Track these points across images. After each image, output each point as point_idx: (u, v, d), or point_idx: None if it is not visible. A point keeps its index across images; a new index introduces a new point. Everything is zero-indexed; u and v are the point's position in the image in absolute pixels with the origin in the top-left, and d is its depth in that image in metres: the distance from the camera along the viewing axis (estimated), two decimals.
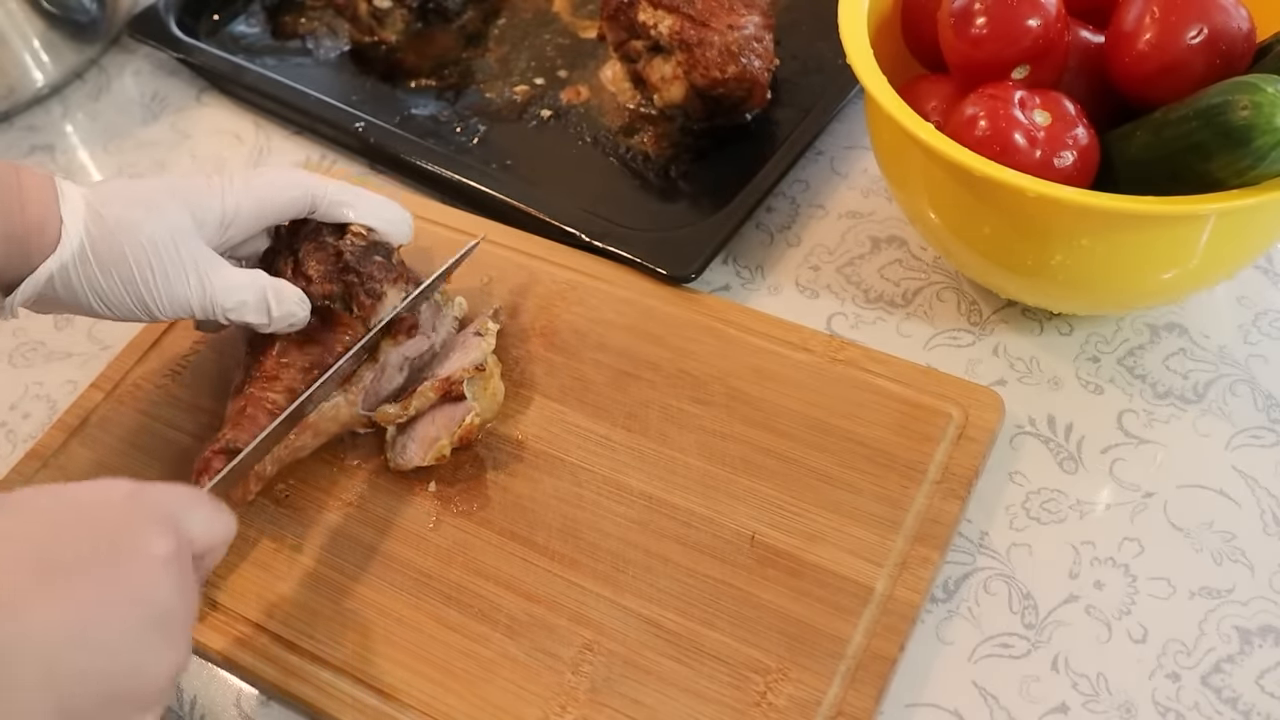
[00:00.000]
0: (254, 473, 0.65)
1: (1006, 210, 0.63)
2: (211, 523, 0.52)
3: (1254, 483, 0.65)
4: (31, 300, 0.61)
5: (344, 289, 0.68)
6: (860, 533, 0.63)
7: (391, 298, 0.69)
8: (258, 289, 0.64)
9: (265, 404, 0.66)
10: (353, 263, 0.67)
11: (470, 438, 0.66)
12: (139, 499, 0.49)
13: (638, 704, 0.58)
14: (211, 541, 0.52)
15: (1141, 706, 0.58)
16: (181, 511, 0.50)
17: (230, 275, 0.64)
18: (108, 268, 0.61)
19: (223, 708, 0.63)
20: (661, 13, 0.82)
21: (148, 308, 0.62)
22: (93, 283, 0.61)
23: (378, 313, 0.68)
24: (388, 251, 0.69)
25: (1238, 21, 0.61)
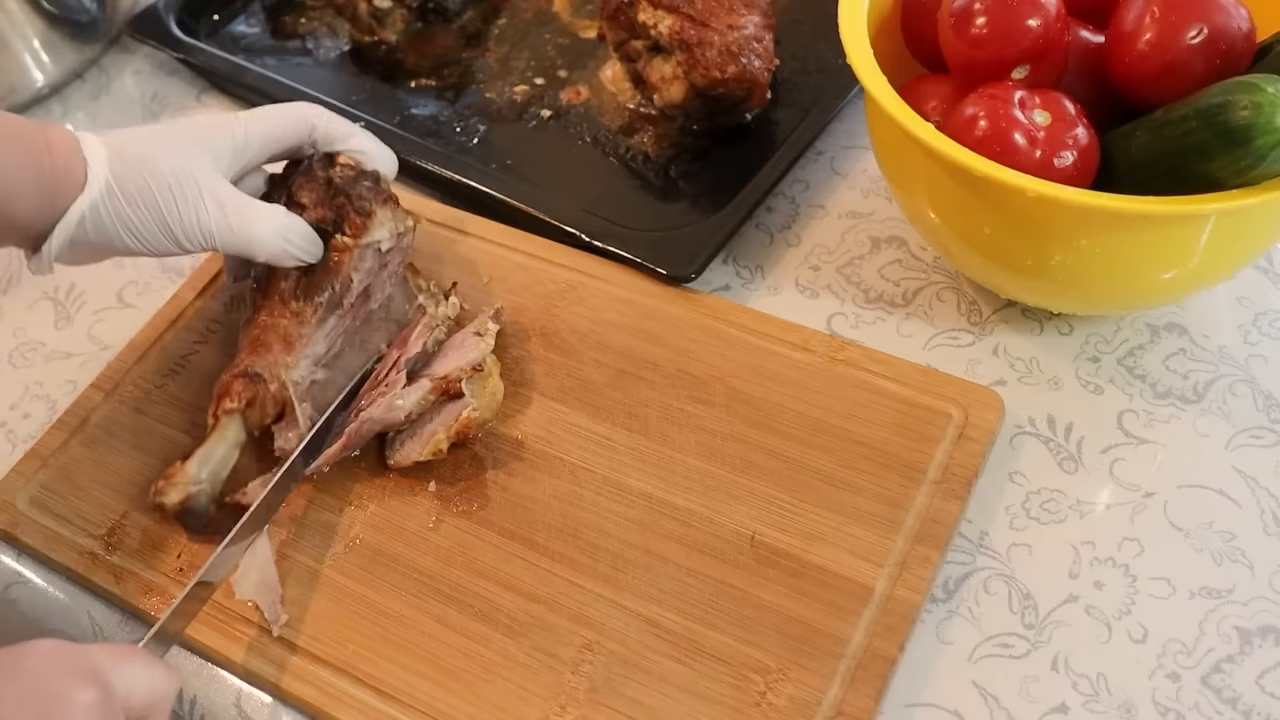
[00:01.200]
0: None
1: (1006, 210, 0.63)
2: (150, 677, 0.51)
3: (1254, 483, 0.65)
4: (66, 245, 0.63)
5: (335, 212, 0.70)
6: (860, 533, 0.63)
7: (381, 216, 0.70)
8: (277, 219, 0.67)
9: (277, 330, 0.69)
10: (342, 186, 0.70)
11: (467, 433, 0.66)
12: (62, 653, 0.49)
13: (638, 704, 0.58)
14: (150, 696, 0.51)
15: (1141, 706, 0.58)
16: (111, 665, 0.50)
17: (249, 205, 0.67)
18: (134, 200, 0.63)
19: (223, 708, 0.63)
20: (661, 13, 0.82)
21: (175, 237, 0.65)
22: (122, 216, 0.63)
23: (369, 231, 0.70)
24: (376, 177, 0.72)
25: (1238, 21, 0.61)
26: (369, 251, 0.70)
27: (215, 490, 0.66)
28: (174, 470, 0.65)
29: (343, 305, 0.70)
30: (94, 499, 0.69)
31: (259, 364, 0.67)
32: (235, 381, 0.67)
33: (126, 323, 0.80)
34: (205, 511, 0.65)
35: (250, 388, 0.67)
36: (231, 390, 0.66)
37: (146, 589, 0.65)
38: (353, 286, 0.70)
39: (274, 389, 0.67)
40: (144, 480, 0.69)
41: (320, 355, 0.70)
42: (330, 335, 0.70)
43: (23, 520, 0.69)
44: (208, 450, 0.66)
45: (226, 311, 0.78)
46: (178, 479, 0.65)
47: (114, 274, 0.84)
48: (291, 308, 0.69)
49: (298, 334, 0.69)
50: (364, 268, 0.71)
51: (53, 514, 0.69)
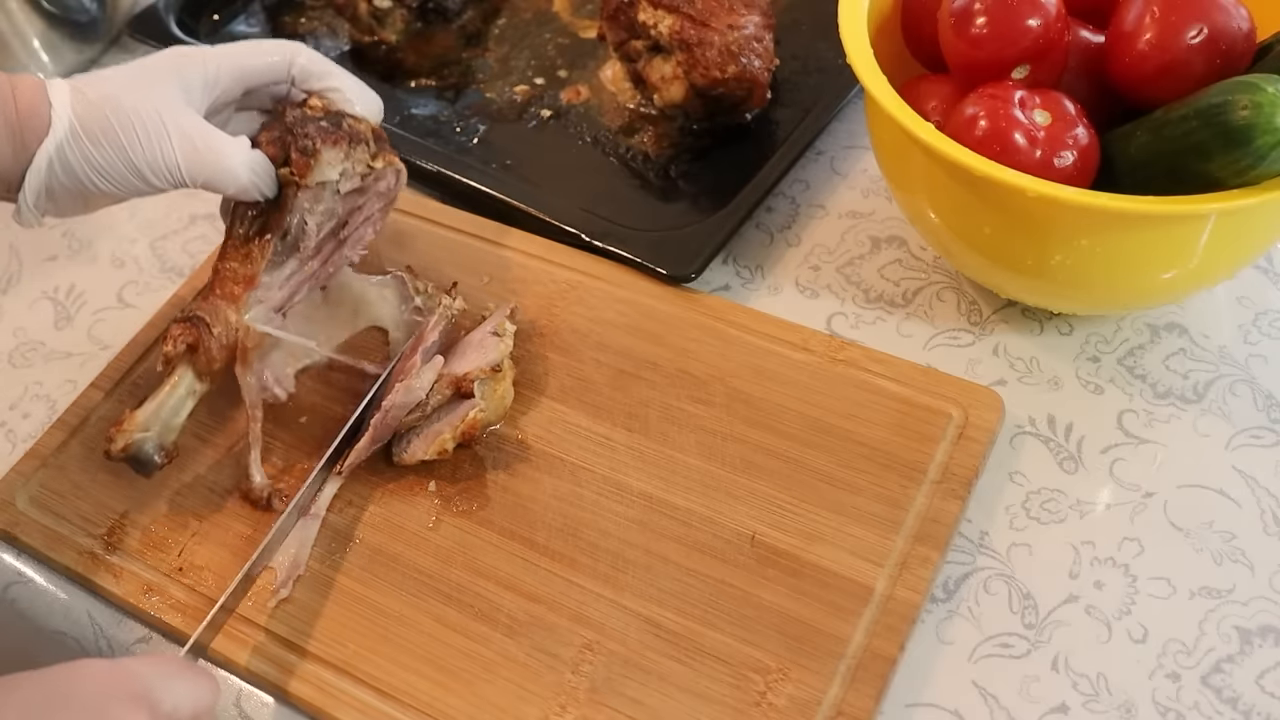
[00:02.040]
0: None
1: (1006, 210, 0.63)
2: (194, 691, 0.52)
3: (1254, 483, 0.65)
4: (42, 194, 0.63)
5: (284, 150, 0.67)
6: (860, 532, 0.63)
7: (328, 156, 0.67)
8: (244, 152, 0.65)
9: (226, 272, 0.67)
10: (293, 124, 0.67)
11: (473, 434, 0.66)
12: (117, 678, 0.49)
13: (638, 704, 0.58)
14: (196, 709, 0.51)
15: (1141, 706, 0.58)
16: (161, 684, 0.50)
17: (214, 136, 0.64)
18: (98, 139, 0.62)
19: (223, 708, 0.63)
20: (661, 13, 0.82)
21: (142, 174, 0.63)
22: (88, 157, 0.62)
23: (313, 170, 0.67)
24: (339, 118, 0.68)
25: (1238, 21, 0.61)
26: (324, 193, 0.68)
27: (165, 439, 0.65)
28: (124, 417, 0.64)
29: (300, 250, 0.68)
30: (94, 499, 0.69)
31: (202, 307, 0.66)
32: (175, 325, 0.65)
33: (126, 323, 0.80)
34: (151, 460, 0.65)
35: (190, 331, 0.65)
36: (170, 334, 0.65)
37: (146, 589, 0.65)
38: (308, 230, 0.68)
39: (218, 333, 0.65)
40: (144, 480, 0.69)
41: (278, 303, 0.68)
42: (290, 282, 0.68)
43: (23, 520, 0.69)
44: (158, 400, 0.65)
45: None
46: (125, 426, 0.64)
47: (114, 274, 0.84)
48: (243, 250, 0.68)
49: (246, 274, 0.67)
50: (319, 209, 0.68)
51: (53, 513, 0.69)
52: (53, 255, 0.87)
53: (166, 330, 0.66)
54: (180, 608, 0.65)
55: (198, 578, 0.66)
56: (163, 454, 0.65)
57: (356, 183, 0.69)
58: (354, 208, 0.70)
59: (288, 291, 0.69)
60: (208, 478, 0.70)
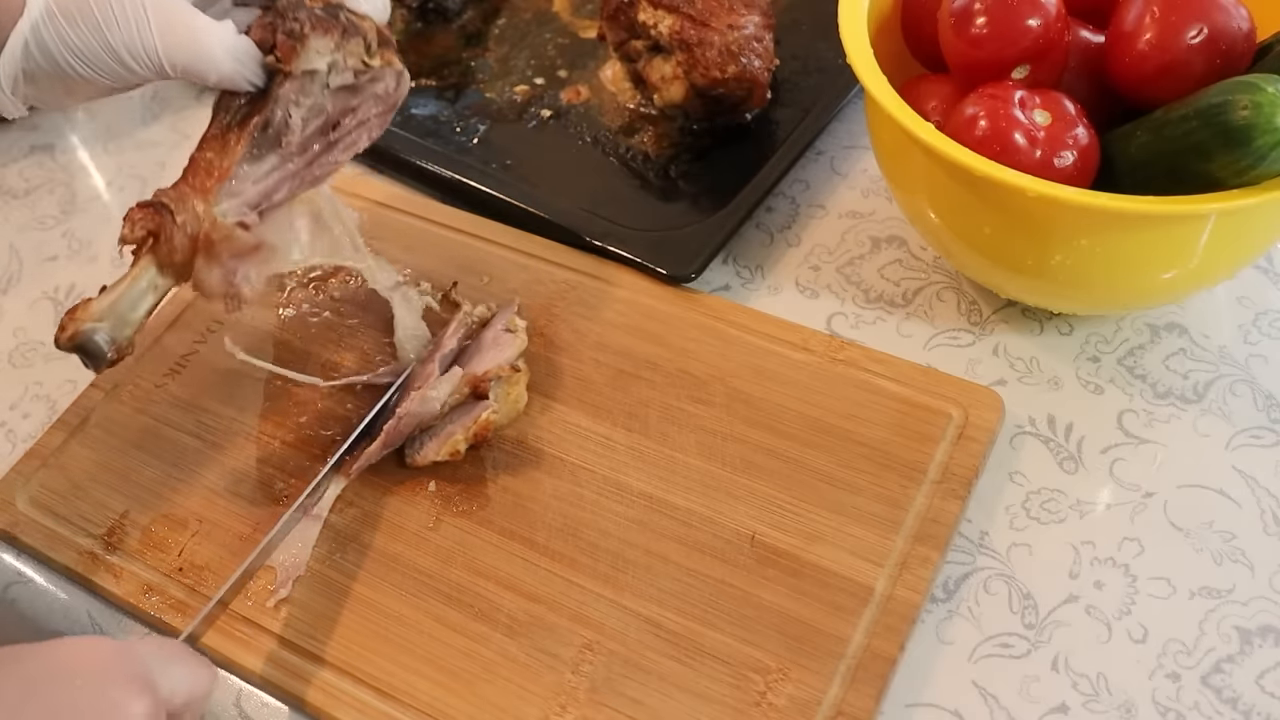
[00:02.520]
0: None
1: (1006, 210, 0.63)
2: (191, 676, 0.52)
3: (1254, 483, 0.65)
4: (18, 78, 0.60)
5: (272, 35, 0.62)
6: (860, 532, 0.63)
7: (316, 44, 0.62)
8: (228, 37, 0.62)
9: (201, 161, 0.63)
10: (283, 8, 0.63)
11: (485, 436, 0.66)
12: (117, 658, 0.49)
13: (638, 704, 0.58)
14: (192, 695, 0.51)
15: (1141, 706, 0.58)
16: (160, 667, 0.50)
17: (197, 18, 0.61)
18: (74, 18, 0.59)
19: (223, 708, 0.63)
20: (661, 13, 0.82)
21: (119, 58, 0.60)
22: (64, 38, 0.59)
23: (299, 57, 0.62)
24: (335, 9, 0.63)
25: (1238, 21, 0.61)
26: (312, 86, 0.63)
27: (118, 334, 0.60)
28: (78, 306, 0.60)
29: (282, 145, 0.64)
30: (94, 499, 0.69)
31: (169, 194, 0.61)
32: (136, 210, 0.60)
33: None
34: (101, 352, 0.60)
35: (151, 218, 0.61)
36: (130, 217, 0.60)
37: (146, 589, 0.65)
38: (292, 124, 0.63)
39: (182, 221, 0.61)
40: (144, 480, 0.70)
41: (254, 199, 0.63)
42: (269, 178, 0.64)
43: (23, 520, 0.69)
44: (117, 291, 0.61)
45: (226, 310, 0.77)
46: (79, 314, 0.60)
47: (114, 274, 0.83)
48: (220, 140, 0.63)
49: (220, 165, 0.62)
50: (306, 103, 0.63)
51: (53, 514, 0.69)
52: (53, 255, 0.87)
53: (126, 214, 0.61)
54: (180, 608, 0.65)
55: (198, 578, 0.66)
56: (114, 348, 0.60)
57: (349, 79, 0.64)
58: (347, 108, 0.65)
59: (264, 188, 0.64)
60: (208, 478, 0.70)
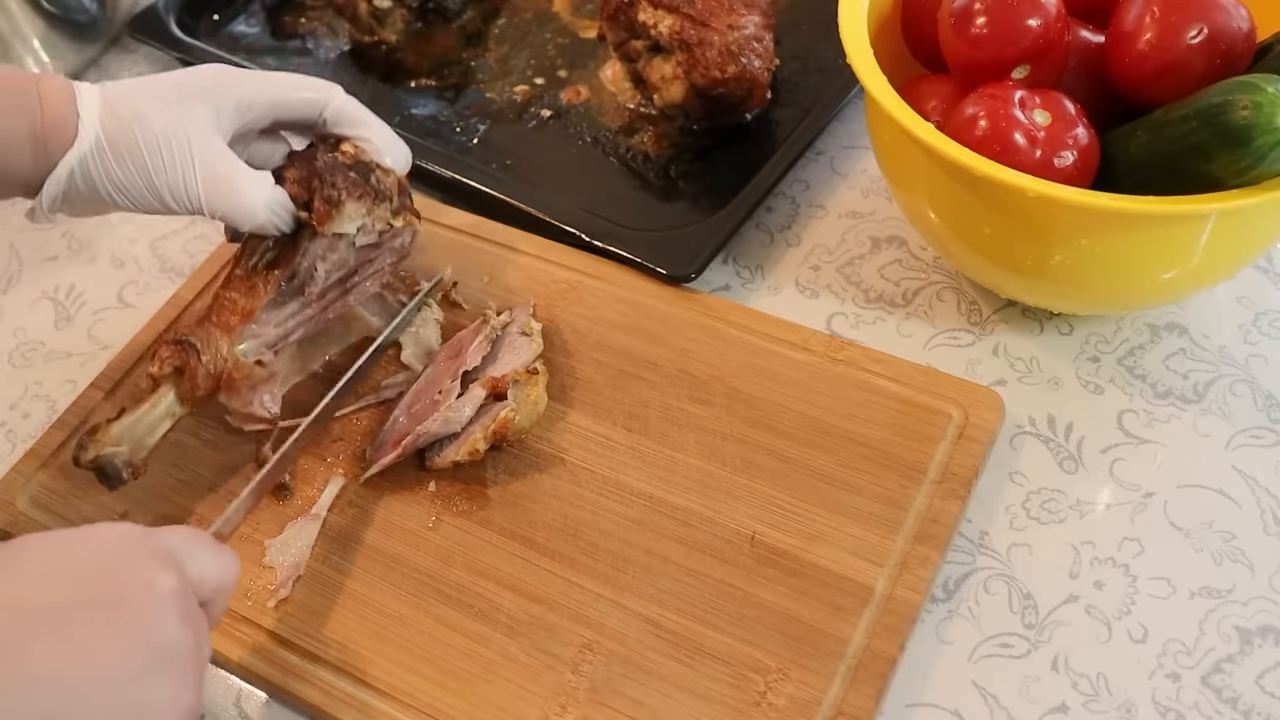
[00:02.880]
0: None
1: (1006, 210, 0.63)
2: (217, 563, 0.52)
3: (1254, 483, 0.65)
4: (58, 198, 0.62)
5: (308, 194, 0.67)
6: (860, 532, 0.63)
7: (351, 210, 0.67)
8: (266, 190, 0.65)
9: (226, 301, 0.67)
10: (323, 170, 0.67)
11: (504, 435, 0.66)
12: (144, 538, 0.49)
13: (638, 704, 0.58)
14: (218, 582, 0.52)
15: (1141, 706, 0.58)
16: (185, 550, 0.50)
17: (240, 171, 0.64)
18: (123, 157, 0.62)
19: (223, 708, 0.63)
20: (661, 13, 0.82)
21: (161, 198, 0.63)
22: (110, 173, 0.62)
23: (333, 220, 0.66)
24: (367, 172, 0.68)
25: (1238, 21, 0.61)
26: (340, 244, 0.68)
27: (135, 456, 0.64)
28: (98, 427, 0.64)
29: (304, 294, 0.68)
30: (94, 499, 0.69)
31: (196, 333, 0.65)
32: (164, 347, 0.64)
33: (126, 323, 0.80)
34: (119, 475, 0.64)
35: (179, 355, 0.64)
36: (159, 354, 0.64)
37: None
38: (316, 275, 0.68)
39: (206, 360, 0.65)
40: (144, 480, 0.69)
41: (272, 340, 0.68)
42: (287, 323, 0.68)
43: (23, 520, 0.69)
44: (135, 415, 0.64)
45: None
46: (100, 437, 0.63)
47: (114, 274, 0.85)
48: (247, 282, 0.67)
49: (245, 308, 0.66)
50: (332, 258, 0.68)
51: (53, 514, 0.69)
52: (53, 255, 0.87)
53: (154, 348, 0.65)
54: None
55: None
56: (130, 470, 0.64)
57: (374, 238, 0.69)
58: (365, 260, 0.70)
59: (283, 330, 0.68)
60: (208, 478, 0.70)
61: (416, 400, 0.69)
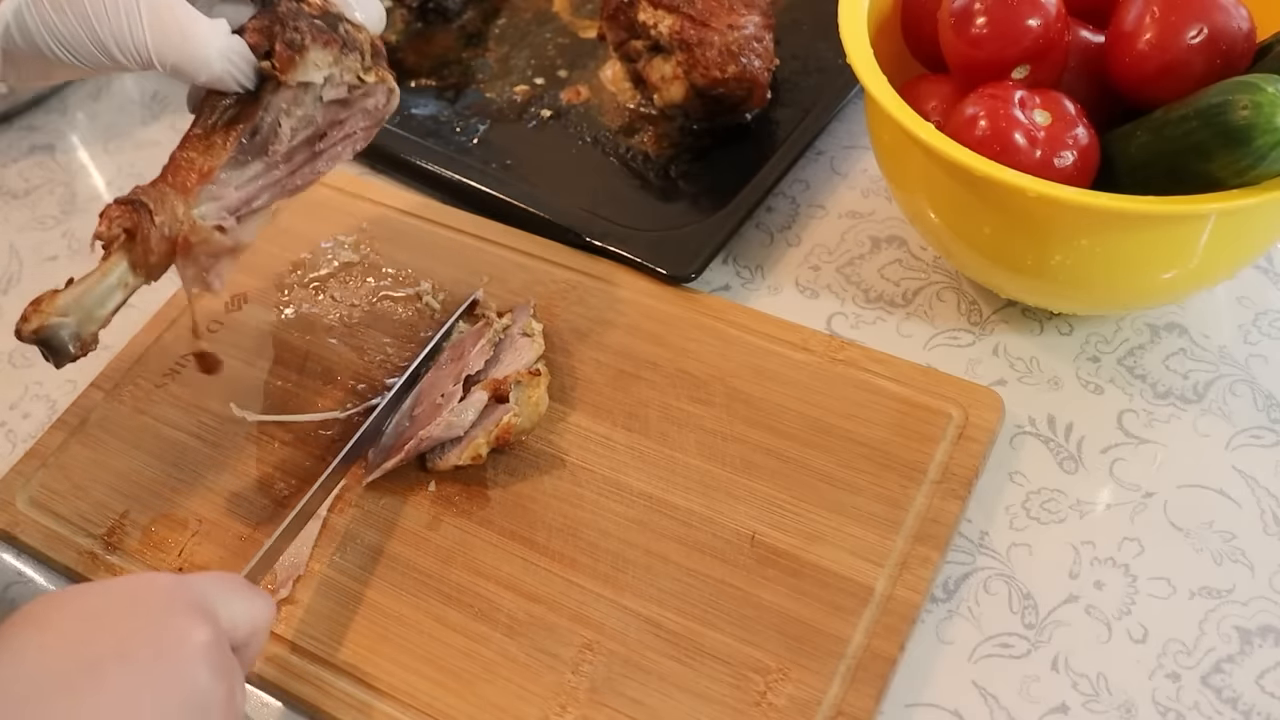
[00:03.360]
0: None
1: (1006, 210, 0.63)
2: (251, 609, 0.53)
3: (1254, 483, 0.65)
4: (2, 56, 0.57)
5: (269, 41, 0.60)
6: (860, 532, 0.63)
7: (315, 57, 0.61)
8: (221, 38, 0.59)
9: (184, 160, 0.61)
10: (284, 14, 0.61)
11: (507, 439, 0.66)
12: (179, 589, 0.50)
13: (638, 704, 0.58)
14: (251, 628, 0.52)
15: (1141, 706, 0.58)
16: (220, 599, 0.51)
17: (191, 17, 0.59)
18: (61, 6, 0.56)
19: None
20: (661, 12, 0.82)
21: (107, 50, 0.57)
22: (49, 24, 0.57)
23: (296, 68, 0.61)
24: (335, 21, 0.62)
25: (1238, 21, 0.61)
26: (305, 97, 0.63)
27: (84, 330, 0.58)
28: (43, 297, 0.58)
29: (269, 153, 0.62)
30: (94, 499, 0.69)
31: (149, 192, 0.59)
32: (113, 207, 0.59)
33: (126, 323, 0.80)
34: (65, 348, 0.58)
35: (129, 215, 0.59)
36: (107, 213, 0.59)
37: None
38: (281, 133, 0.62)
39: (160, 222, 0.59)
40: (144, 480, 0.70)
41: (234, 204, 0.62)
42: (251, 185, 0.62)
43: (23, 520, 0.69)
44: (84, 285, 0.58)
45: (226, 311, 0.78)
46: (44, 306, 0.57)
47: None
48: (205, 140, 0.61)
49: (203, 166, 0.60)
50: (297, 114, 0.62)
51: (52, 514, 0.69)
52: (53, 255, 0.87)
53: (104, 210, 0.60)
54: None
55: None
56: (78, 344, 0.58)
57: (343, 93, 0.63)
58: (335, 120, 0.65)
59: (246, 194, 0.62)
60: (207, 478, 0.70)
61: (419, 404, 0.69)
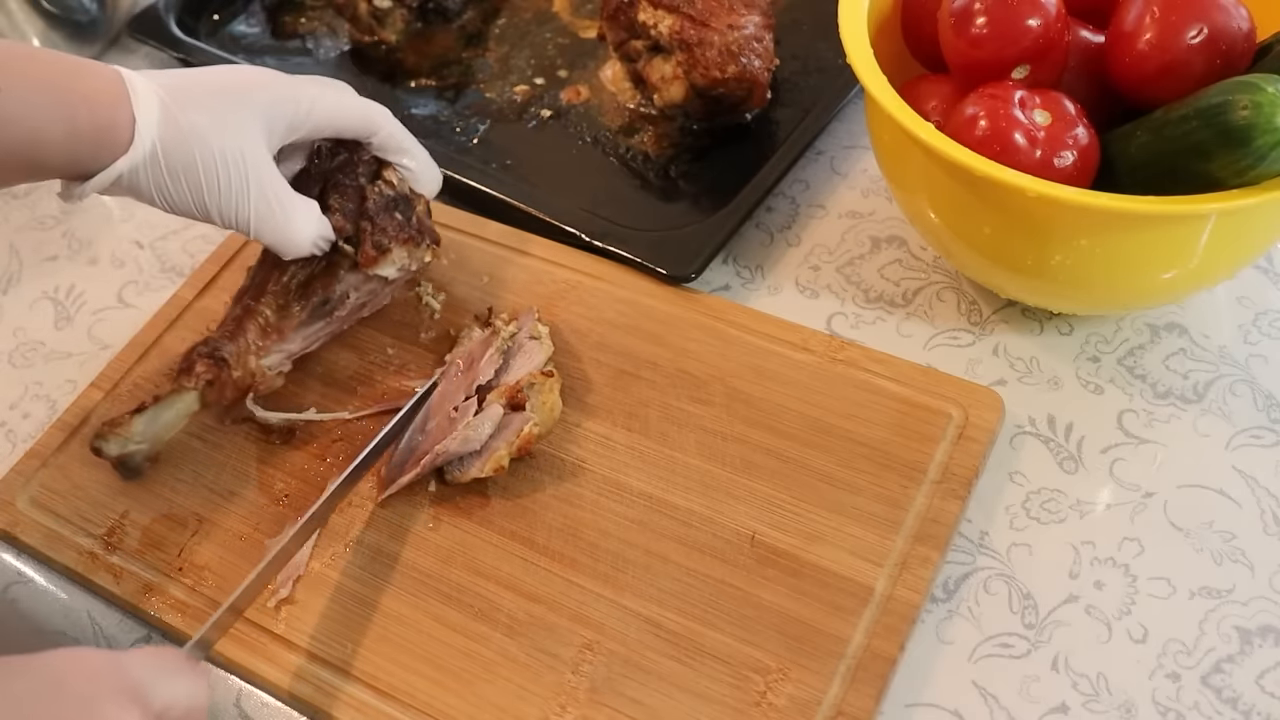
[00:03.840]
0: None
1: (1006, 210, 0.63)
2: (188, 689, 0.51)
3: (1254, 483, 0.65)
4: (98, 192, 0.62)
5: (357, 234, 0.69)
6: (860, 532, 0.63)
7: (396, 256, 0.69)
8: (313, 224, 0.66)
9: (259, 317, 0.69)
10: (372, 211, 0.69)
11: (528, 448, 0.66)
12: (109, 674, 0.48)
13: (638, 704, 0.58)
14: (189, 707, 0.51)
15: (1141, 706, 0.58)
16: (154, 681, 0.49)
17: (292, 201, 0.65)
18: (177, 174, 0.61)
19: (223, 708, 0.63)
20: (661, 12, 0.82)
21: (208, 215, 0.64)
22: (160, 185, 0.62)
23: (378, 265, 0.69)
24: (410, 208, 0.71)
25: (1238, 21, 0.61)
26: (375, 280, 0.71)
27: (153, 450, 0.68)
28: (120, 421, 0.66)
29: (333, 316, 0.71)
30: (94, 499, 0.69)
31: (229, 348, 0.68)
32: (200, 362, 0.67)
33: (126, 323, 0.80)
34: (139, 469, 0.68)
35: (213, 370, 0.67)
36: (194, 369, 0.66)
37: (146, 589, 0.65)
38: (347, 302, 0.71)
39: (238, 375, 0.68)
40: (144, 480, 0.69)
41: (295, 351, 0.71)
42: (310, 337, 0.71)
43: (23, 520, 0.69)
44: (157, 412, 0.67)
45: None
46: (121, 432, 0.66)
47: (114, 274, 0.84)
48: (280, 300, 0.69)
49: (277, 327, 0.69)
50: (365, 289, 0.72)
51: (53, 514, 0.69)
52: (53, 255, 0.87)
53: (190, 358, 0.67)
54: (180, 608, 0.65)
55: (198, 578, 0.66)
56: (148, 464, 0.69)
57: (407, 275, 0.72)
58: (387, 283, 0.73)
59: (305, 344, 0.71)
60: (207, 477, 0.70)
61: (430, 417, 0.69)
